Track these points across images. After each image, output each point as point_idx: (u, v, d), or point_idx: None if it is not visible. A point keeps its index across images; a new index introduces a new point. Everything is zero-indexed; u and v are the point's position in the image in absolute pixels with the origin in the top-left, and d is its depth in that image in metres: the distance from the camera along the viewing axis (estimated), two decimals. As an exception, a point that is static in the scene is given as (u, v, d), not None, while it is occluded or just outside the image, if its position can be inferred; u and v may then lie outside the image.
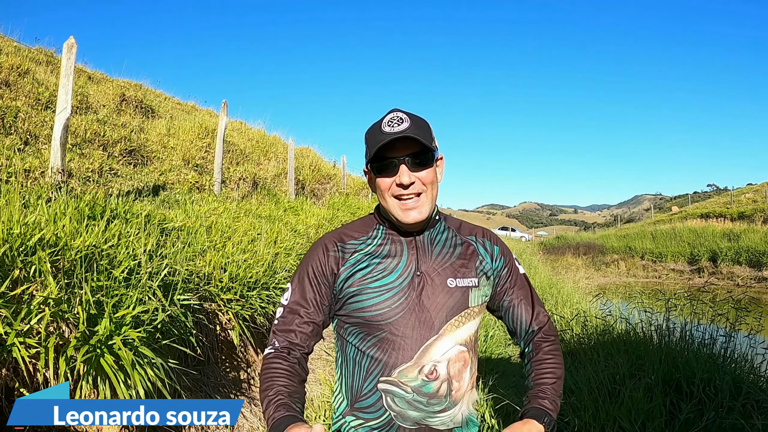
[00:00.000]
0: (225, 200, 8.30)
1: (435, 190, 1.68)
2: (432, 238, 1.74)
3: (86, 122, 8.36)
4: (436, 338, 1.61)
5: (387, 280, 1.64)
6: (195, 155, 10.00)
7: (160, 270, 3.68)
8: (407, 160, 1.60)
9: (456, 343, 1.64)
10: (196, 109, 16.52)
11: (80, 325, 2.83)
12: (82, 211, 4.08)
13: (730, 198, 39.35)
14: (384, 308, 1.61)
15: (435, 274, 1.67)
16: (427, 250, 1.71)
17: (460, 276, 1.70)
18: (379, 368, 1.61)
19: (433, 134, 1.68)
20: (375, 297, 1.63)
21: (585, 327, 6.78)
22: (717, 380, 4.19)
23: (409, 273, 1.66)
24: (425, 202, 1.64)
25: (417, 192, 1.62)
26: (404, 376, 1.59)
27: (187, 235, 4.80)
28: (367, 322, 1.63)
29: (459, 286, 1.68)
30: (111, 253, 3.54)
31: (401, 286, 1.63)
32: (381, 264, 1.67)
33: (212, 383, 3.98)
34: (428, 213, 1.66)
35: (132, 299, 3.24)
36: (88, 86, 11.23)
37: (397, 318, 1.60)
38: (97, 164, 7.05)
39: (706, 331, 5.28)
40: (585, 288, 12.49)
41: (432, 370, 1.60)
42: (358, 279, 1.65)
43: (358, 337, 1.66)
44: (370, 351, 1.63)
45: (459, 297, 1.67)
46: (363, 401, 1.65)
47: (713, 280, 22.80)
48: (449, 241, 1.77)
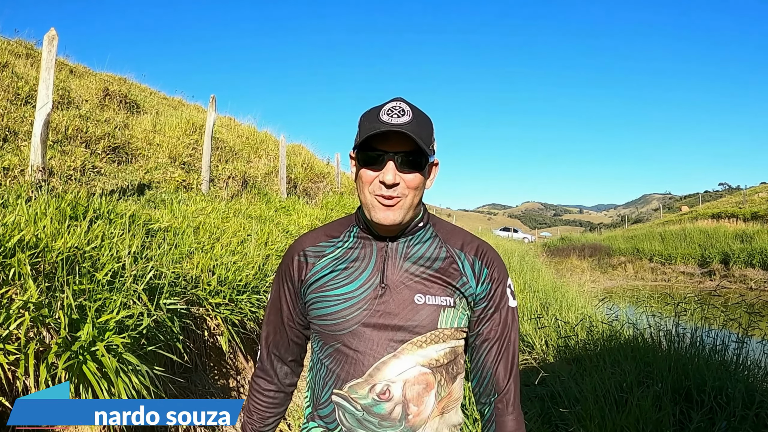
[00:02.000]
0: (213, 200, 8.30)
1: (419, 197, 1.59)
2: (408, 246, 1.64)
3: (68, 118, 8.34)
4: (393, 356, 1.53)
5: (347, 288, 1.58)
6: (182, 152, 9.99)
7: (145, 273, 3.67)
8: (397, 158, 1.51)
9: (417, 363, 1.54)
10: (183, 105, 16.48)
11: (62, 331, 2.82)
12: (63, 211, 4.07)
13: (743, 197, 39.37)
14: (340, 318, 1.56)
15: (402, 287, 1.57)
16: (399, 259, 1.61)
17: (433, 293, 1.58)
18: (333, 380, 1.58)
19: (433, 135, 1.60)
20: (332, 306, 1.58)
21: (590, 332, 6.80)
22: (729, 388, 4.20)
23: (372, 283, 1.58)
24: (403, 207, 1.54)
25: (398, 195, 1.53)
26: (354, 392, 1.54)
27: (173, 236, 4.79)
28: (324, 331, 1.60)
29: (428, 303, 1.57)
30: (94, 255, 3.53)
31: (361, 297, 1.56)
32: (346, 270, 1.61)
33: (200, 391, 3.97)
34: (404, 218, 1.55)
35: (116, 303, 3.22)
36: (69, 80, 11.21)
37: (352, 330, 1.55)
38: (80, 162, 7.03)
39: (717, 337, 5.30)
40: (590, 291, 12.49)
41: (384, 390, 1.52)
42: (320, 285, 1.61)
43: (318, 344, 1.64)
44: (327, 361, 1.60)
45: (426, 316, 1.55)
46: (322, 409, 1.62)
47: (725, 284, 22.75)
48: (430, 251, 1.64)
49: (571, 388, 4.93)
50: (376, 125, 1.50)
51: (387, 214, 1.53)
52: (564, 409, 4.43)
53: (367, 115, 1.57)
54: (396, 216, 1.53)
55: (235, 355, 4.71)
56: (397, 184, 1.52)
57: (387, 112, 1.51)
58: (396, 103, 1.54)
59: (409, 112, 1.52)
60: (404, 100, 1.57)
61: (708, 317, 5.80)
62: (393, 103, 1.54)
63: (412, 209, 1.57)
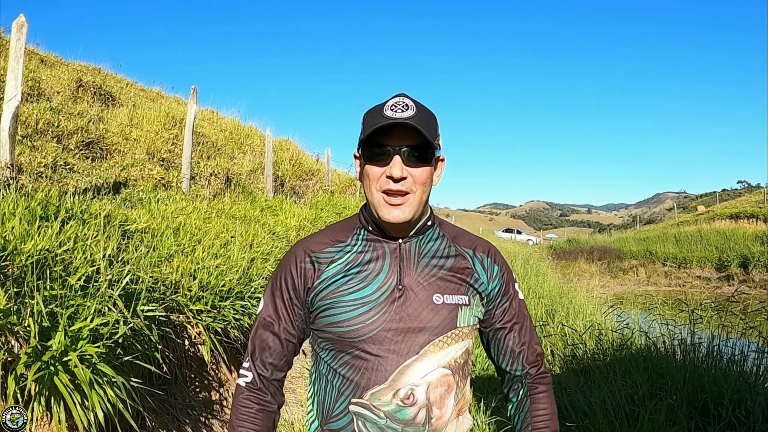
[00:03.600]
0: (194, 199, 8.29)
1: (426, 194, 1.64)
2: (421, 246, 1.71)
3: (38, 111, 8.31)
4: (416, 359, 1.58)
5: (364, 292, 1.61)
6: (161, 148, 9.98)
7: (121, 277, 3.67)
8: (404, 152, 1.56)
9: (439, 365, 1.61)
10: (162, 97, 16.47)
11: (31, 340, 2.82)
12: (33, 211, 4.06)
13: (764, 196, 39.54)
14: (358, 324, 1.58)
15: (420, 288, 1.64)
16: (413, 259, 1.68)
17: (449, 292, 1.66)
18: (351, 389, 1.59)
19: (438, 130, 1.66)
20: (348, 311, 1.60)
21: (600, 341, 6.82)
22: (749, 401, 4.22)
23: (389, 285, 1.63)
24: (412, 204, 1.60)
25: (406, 190, 1.58)
26: (377, 400, 1.57)
27: (151, 237, 4.79)
28: (339, 339, 1.61)
29: (447, 303, 1.64)
30: (66, 258, 3.52)
31: (379, 300, 1.60)
32: (359, 274, 1.64)
33: (180, 404, 3.98)
34: (413, 215, 1.61)
35: (90, 310, 3.22)
36: (40, 70, 11.18)
37: (372, 335, 1.58)
38: (51, 158, 7.01)
39: (736, 347, 5.31)
40: (600, 298, 12.52)
41: (408, 395, 1.57)
42: (332, 291, 1.63)
43: (330, 353, 1.65)
44: (342, 369, 1.61)
45: (446, 315, 1.63)
46: (334, 423, 1.63)
47: (744, 289, 22.83)
48: (441, 251, 1.73)
49: (579, 401, 4.95)
50: (379, 120, 1.55)
51: (396, 213, 1.58)
52: (571, 423, 4.45)
53: (371, 112, 1.62)
54: (405, 213, 1.59)
55: (218, 365, 4.71)
56: (405, 178, 1.57)
57: (391, 107, 1.56)
58: (399, 98, 1.60)
59: (413, 107, 1.57)
60: (407, 95, 1.62)
61: (726, 325, 5.82)
62: (396, 99, 1.60)
63: (421, 206, 1.63)
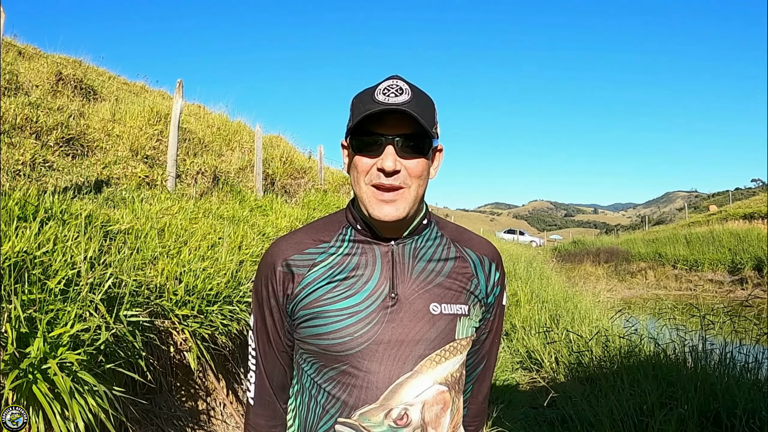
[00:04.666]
0: (180, 198, 8.28)
1: (423, 188, 1.53)
2: (416, 248, 1.60)
3: (16, 106, 8.28)
4: (410, 376, 1.47)
5: (352, 301, 1.50)
6: (145, 145, 9.95)
7: (103, 281, 3.66)
8: (397, 141, 1.45)
9: (435, 382, 1.51)
10: (146, 91, 16.46)
11: (9, 346, 2.82)
12: (11, 211, 4.06)
13: (778, 196, 39.55)
14: (345, 336, 1.47)
15: (415, 297, 1.52)
16: (408, 264, 1.56)
17: (448, 300, 1.55)
18: (338, 407, 1.48)
19: (436, 117, 1.54)
20: (335, 322, 1.48)
21: (606, 348, 6.82)
22: (763, 411, 4.23)
23: (381, 293, 1.51)
24: (407, 199, 1.48)
25: (399, 184, 1.46)
26: (367, 420, 1.46)
27: (135, 239, 4.78)
28: (324, 352, 1.50)
29: (444, 313, 1.53)
30: (45, 260, 3.52)
31: (369, 310, 1.49)
32: (347, 280, 1.52)
33: (165, 415, 3.97)
34: (407, 213, 1.49)
35: (70, 315, 3.21)
36: (18, 63, 11.15)
37: (362, 349, 1.46)
38: (29, 155, 6.99)
39: (749, 353, 5.32)
40: (606, 302, 12.56)
41: (402, 415, 1.46)
42: (316, 299, 1.51)
43: (314, 367, 1.54)
44: (328, 386, 1.50)
45: (443, 327, 1.52)
46: None
47: (758, 293, 22.83)
48: (439, 253, 1.62)
49: (585, 410, 4.95)
50: (370, 106, 1.43)
51: (388, 210, 1.47)
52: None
53: (361, 96, 1.51)
54: (399, 211, 1.47)
55: (205, 373, 4.70)
56: (398, 172, 1.46)
57: (383, 91, 1.45)
58: (393, 81, 1.48)
59: (408, 90, 1.45)
60: (401, 77, 1.51)
61: (739, 331, 5.83)
62: (389, 81, 1.48)
63: (417, 202, 1.51)
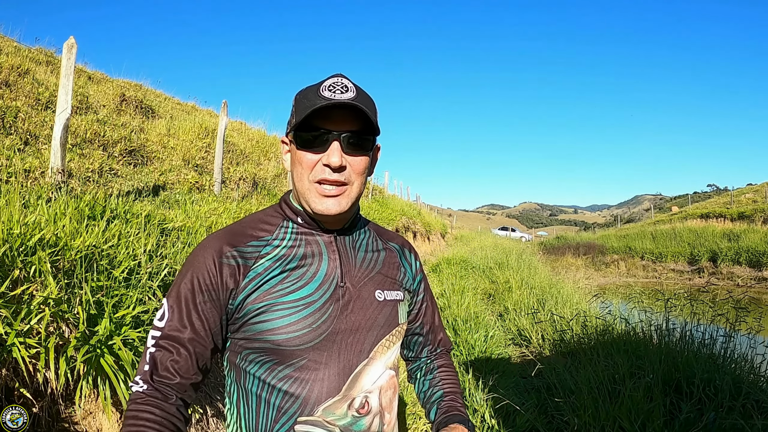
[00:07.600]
0: (225, 200, 8.29)
1: (363, 185, 1.37)
2: (355, 239, 1.45)
3: (86, 122, 8.35)
4: (366, 363, 1.33)
5: (304, 292, 1.30)
6: (195, 155, 10.00)
7: (160, 270, 3.68)
8: (344, 138, 1.28)
9: (387, 367, 1.37)
10: (196, 110, 16.54)
11: (80, 325, 2.83)
12: (82, 211, 4.08)
13: (730, 198, 39.35)
14: (303, 329, 1.27)
15: (362, 285, 1.38)
16: (350, 254, 1.41)
17: (388, 287, 1.43)
18: (297, 406, 1.26)
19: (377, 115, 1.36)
20: (288, 315, 1.27)
21: (585, 327, 6.78)
22: (717, 380, 4.20)
23: (331, 283, 1.33)
24: (349, 195, 1.32)
25: (344, 180, 1.30)
26: (331, 414, 1.27)
27: (187, 235, 4.80)
28: (278, 348, 1.26)
29: (388, 299, 1.41)
30: (111, 253, 3.53)
31: (323, 300, 1.31)
32: (296, 270, 1.32)
33: (212, 383, 3.98)
34: (348, 207, 1.33)
35: (132, 299, 3.24)
36: (88, 86, 11.25)
37: (321, 340, 1.28)
38: (97, 164, 7.04)
39: (706, 332, 5.29)
40: (585, 288, 12.45)
41: (363, 403, 1.31)
42: (266, 291, 1.28)
43: (264, 367, 1.28)
44: (283, 385, 1.27)
45: (389, 312, 1.40)
46: None
47: (713, 281, 22.77)
48: (372, 244, 1.49)
49: (566, 380, 4.93)
50: (318, 101, 1.25)
51: (329, 204, 1.31)
52: (559, 399, 4.43)
53: (305, 92, 1.32)
54: (341, 205, 1.32)
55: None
56: (344, 168, 1.30)
57: (328, 87, 1.27)
58: (337, 78, 1.31)
59: (353, 88, 1.28)
60: (345, 75, 1.33)
61: (697, 313, 5.78)
62: (334, 79, 1.30)
63: (356, 197, 1.36)
